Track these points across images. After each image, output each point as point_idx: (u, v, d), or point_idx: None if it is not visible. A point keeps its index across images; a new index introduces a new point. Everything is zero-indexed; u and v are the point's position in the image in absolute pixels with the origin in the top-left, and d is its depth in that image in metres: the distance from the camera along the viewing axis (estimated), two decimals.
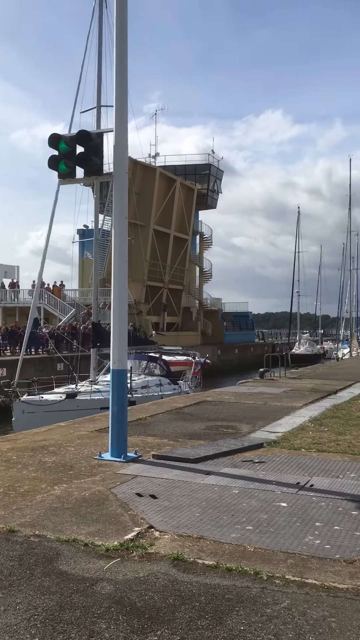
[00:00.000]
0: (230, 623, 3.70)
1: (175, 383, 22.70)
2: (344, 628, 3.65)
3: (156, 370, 23.08)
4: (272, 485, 6.89)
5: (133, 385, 19.73)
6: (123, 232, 8.50)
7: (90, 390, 18.66)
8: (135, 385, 20.16)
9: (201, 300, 57.05)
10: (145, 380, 21.33)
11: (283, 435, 10.04)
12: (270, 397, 15.60)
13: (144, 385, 20.68)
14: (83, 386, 19.66)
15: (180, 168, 54.55)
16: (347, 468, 7.78)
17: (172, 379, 22.78)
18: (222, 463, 8.03)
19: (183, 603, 3.97)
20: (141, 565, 4.61)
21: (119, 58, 8.25)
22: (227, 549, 4.96)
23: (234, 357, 55.51)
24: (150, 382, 21.18)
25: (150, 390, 20.35)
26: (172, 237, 50.13)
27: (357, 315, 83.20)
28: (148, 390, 20.30)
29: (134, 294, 42.47)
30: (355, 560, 4.72)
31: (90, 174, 8.56)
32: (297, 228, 65.76)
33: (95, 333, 21.76)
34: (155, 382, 21.46)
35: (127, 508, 5.98)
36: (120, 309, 8.46)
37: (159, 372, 22.97)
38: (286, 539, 5.17)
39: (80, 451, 8.70)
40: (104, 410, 13.51)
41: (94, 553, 4.85)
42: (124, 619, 3.75)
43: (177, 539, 5.17)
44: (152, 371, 23.01)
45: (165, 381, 22.11)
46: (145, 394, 19.79)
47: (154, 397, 18.74)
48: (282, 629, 3.63)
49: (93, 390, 18.59)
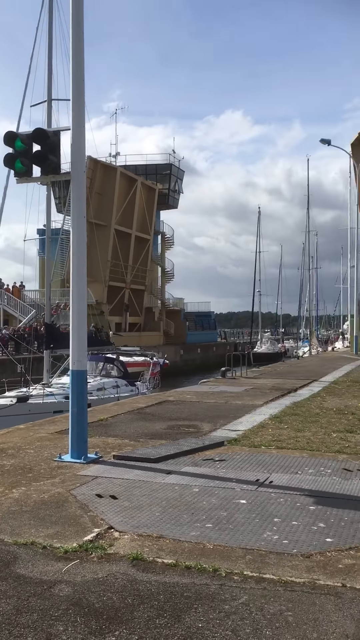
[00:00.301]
0: (188, 621, 3.72)
1: (132, 384, 22.39)
2: (300, 621, 3.70)
3: (113, 371, 22.72)
4: (232, 482, 6.94)
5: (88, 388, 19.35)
6: (81, 231, 8.43)
7: (43, 393, 18.16)
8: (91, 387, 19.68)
9: (163, 300, 57.10)
10: (101, 382, 20.91)
11: (244, 433, 10.13)
12: (231, 396, 15.71)
13: (100, 387, 20.29)
14: (35, 389, 19.08)
15: (141, 168, 54.50)
16: (305, 464, 7.89)
17: (129, 380, 22.48)
18: (183, 462, 8.05)
19: (142, 602, 3.97)
20: (100, 566, 4.58)
21: (75, 55, 8.17)
22: (186, 547, 4.97)
23: (197, 356, 55.75)
24: (107, 383, 20.76)
25: (107, 392, 19.98)
26: (134, 237, 50.05)
27: (316, 315, 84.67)
28: (104, 392, 19.94)
29: (96, 294, 42.24)
30: (312, 555, 4.79)
31: (47, 173, 8.47)
32: (258, 228, 66.57)
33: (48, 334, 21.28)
34: (112, 383, 21.08)
35: (87, 509, 5.94)
36: (79, 308, 8.40)
37: (116, 373, 22.65)
38: (245, 535, 5.22)
39: (40, 453, 8.60)
40: (57, 415, 13.34)
41: (53, 555, 4.80)
42: (81, 620, 3.73)
43: (136, 538, 5.16)
44: (109, 372, 22.63)
45: (123, 382, 21.80)
46: (101, 396, 19.43)
47: (111, 399, 18.37)
48: (239, 625, 3.66)
49: (46, 393, 18.13)
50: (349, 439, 9.53)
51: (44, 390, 18.58)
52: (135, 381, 22.88)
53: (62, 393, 18.61)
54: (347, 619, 3.73)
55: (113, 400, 17.32)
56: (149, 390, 21.98)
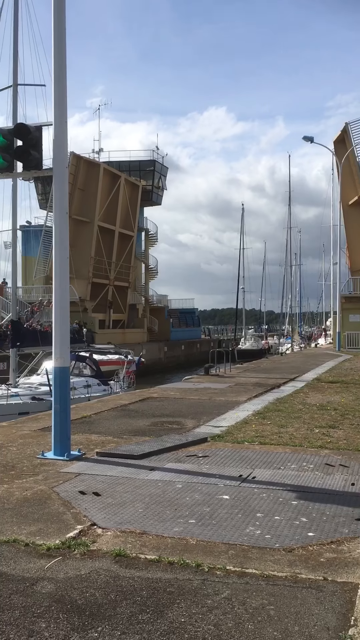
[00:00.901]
0: (171, 616, 3.73)
1: (105, 384, 21.40)
2: (282, 615, 3.73)
3: (86, 370, 21.58)
4: (215, 478, 6.97)
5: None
6: (64, 228, 8.39)
7: (7, 394, 17.15)
8: None
9: (147, 297, 57.02)
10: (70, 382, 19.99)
11: (227, 429, 10.16)
12: (215, 392, 15.75)
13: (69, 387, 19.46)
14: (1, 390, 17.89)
15: (124, 164, 54.31)
16: (288, 459, 7.94)
17: (102, 380, 21.41)
18: (167, 458, 8.06)
19: (124, 598, 3.97)
20: (83, 563, 4.58)
21: (57, 50, 8.12)
22: (169, 542, 4.98)
23: (181, 353, 55.81)
24: (77, 383, 19.58)
25: (76, 392, 18.81)
26: (117, 233, 49.88)
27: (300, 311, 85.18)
28: (74, 393, 18.41)
29: (79, 291, 42.02)
30: (294, 549, 4.83)
31: (29, 169, 8.42)
32: (242, 225, 66.82)
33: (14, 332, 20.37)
34: (83, 383, 20.04)
35: (70, 506, 5.92)
36: (61, 305, 8.36)
37: (89, 372, 21.71)
38: (228, 530, 5.24)
39: (23, 450, 8.55)
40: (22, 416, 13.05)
41: (35, 553, 4.78)
42: (64, 617, 3.72)
43: (119, 535, 5.16)
44: (81, 371, 21.51)
45: (94, 382, 20.89)
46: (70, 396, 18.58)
47: (81, 400, 17.27)
48: (222, 619, 3.68)
49: (11, 394, 17.17)
50: (331, 435, 9.61)
51: (8, 391, 17.56)
52: (109, 380, 21.98)
53: (28, 394, 17.84)
54: (328, 612, 3.77)
55: (83, 401, 16.28)
56: (123, 390, 20.99)
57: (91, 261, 45.32)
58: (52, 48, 8.15)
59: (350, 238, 42.99)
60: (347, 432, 9.84)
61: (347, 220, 42.64)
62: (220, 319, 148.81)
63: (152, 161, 55.92)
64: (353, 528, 5.31)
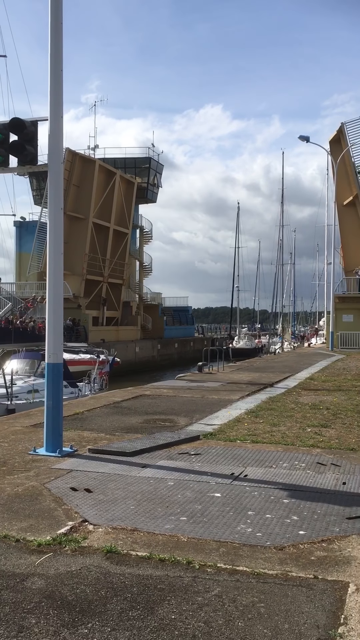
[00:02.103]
0: (161, 612, 3.73)
1: (74, 385, 20.01)
2: (272, 612, 3.74)
3: None
4: (207, 476, 6.97)
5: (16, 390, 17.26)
6: (59, 224, 8.36)
7: None
8: (19, 390, 17.62)
9: (141, 294, 56.97)
10: (31, 384, 18.48)
11: (219, 427, 10.17)
12: (207, 391, 15.76)
13: (30, 389, 17.90)
14: None
15: (120, 161, 54.18)
16: (280, 458, 7.96)
17: (70, 381, 19.78)
18: (159, 456, 8.06)
19: (115, 595, 3.97)
20: (74, 559, 4.57)
21: (53, 44, 8.08)
22: (160, 539, 4.98)
23: (174, 351, 55.82)
24: (39, 385, 17.75)
25: (39, 395, 17.12)
26: (112, 230, 49.79)
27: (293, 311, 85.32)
28: (35, 396, 17.35)
29: (73, 287, 41.97)
30: (285, 547, 4.84)
31: (24, 164, 8.40)
32: (237, 223, 66.60)
33: None
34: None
35: (61, 503, 5.91)
36: (55, 301, 8.33)
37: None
38: (219, 528, 5.25)
39: (14, 447, 8.53)
40: None
41: (26, 549, 4.77)
42: (54, 613, 3.72)
43: (111, 531, 5.16)
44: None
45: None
46: (31, 399, 17.13)
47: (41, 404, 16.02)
48: (212, 616, 3.68)
49: None
50: (323, 434, 9.64)
51: None
52: (79, 382, 20.64)
53: None
54: (318, 610, 3.78)
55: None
56: (94, 392, 19.74)
57: (85, 258, 45.22)
58: (48, 42, 8.11)
59: (345, 238, 43.07)
60: (339, 432, 9.86)
61: (342, 220, 42.73)
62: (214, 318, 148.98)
63: (147, 158, 55.83)
64: (344, 527, 5.32)
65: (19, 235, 50.68)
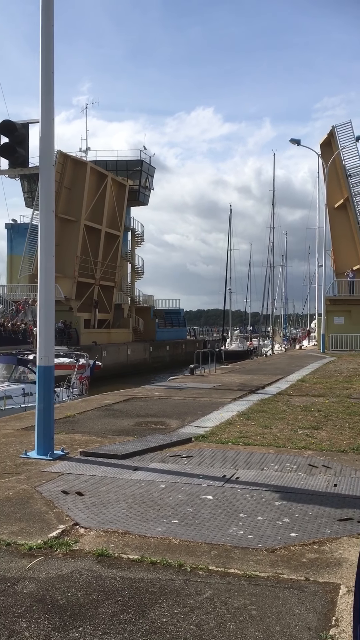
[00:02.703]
0: (153, 616, 3.72)
1: None
2: (264, 615, 3.74)
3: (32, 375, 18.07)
4: (198, 478, 6.96)
5: None
6: (50, 226, 8.35)
7: None
8: None
9: (133, 297, 56.92)
10: (3, 390, 17.56)
11: (211, 429, 10.17)
12: (199, 393, 15.76)
13: (2, 395, 17.04)
14: None
15: (111, 163, 54.14)
16: (271, 460, 7.96)
17: None
18: (150, 458, 8.05)
19: (106, 598, 3.96)
20: (65, 563, 4.55)
21: (44, 46, 8.07)
22: (152, 542, 4.97)
23: (166, 354, 55.78)
24: (13, 391, 17.33)
25: (12, 401, 16.73)
26: (104, 233, 49.72)
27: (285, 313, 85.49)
28: (7, 403, 16.67)
29: (65, 290, 41.87)
30: (277, 549, 4.84)
31: (15, 166, 8.37)
32: (229, 226, 66.81)
33: None
34: (20, 391, 17.52)
35: (52, 506, 5.89)
36: (46, 304, 8.31)
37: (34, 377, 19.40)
38: (211, 530, 5.24)
39: (5, 450, 8.49)
40: None
41: (17, 552, 4.75)
42: (45, 617, 3.70)
43: (102, 535, 5.14)
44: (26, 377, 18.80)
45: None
46: (2, 407, 16.41)
47: (16, 410, 15.13)
48: (204, 619, 3.68)
49: None
50: (314, 436, 9.66)
51: None
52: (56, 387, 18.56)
53: None
54: (309, 612, 3.78)
55: (19, 412, 14.35)
56: (72, 398, 18.87)
57: (77, 260, 45.12)
58: (39, 44, 8.10)
59: (336, 241, 43.25)
60: (330, 434, 9.89)
61: (333, 223, 42.91)
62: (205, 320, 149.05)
63: (139, 161, 55.83)
64: (335, 529, 5.33)
65: (10, 237, 50.55)
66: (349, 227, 42.15)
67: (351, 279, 39.96)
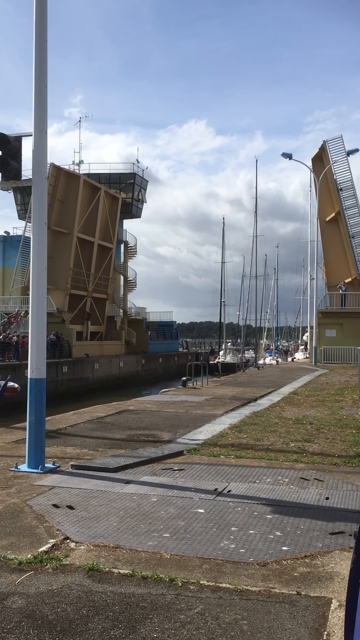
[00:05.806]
0: (143, 631, 3.68)
1: None
2: (255, 630, 3.72)
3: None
4: (190, 492, 6.93)
5: None
6: (42, 238, 8.35)
7: None
8: None
9: (125, 309, 56.86)
10: None
11: (203, 442, 10.14)
12: (191, 405, 15.72)
13: None
14: None
15: (104, 176, 54.31)
16: (263, 473, 7.94)
17: None
18: (142, 471, 8.01)
19: (97, 613, 3.92)
20: (55, 578, 4.51)
21: (38, 59, 8.13)
22: (143, 557, 4.94)
23: (158, 366, 55.65)
24: None
25: None
26: (97, 245, 49.73)
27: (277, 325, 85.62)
28: None
29: (57, 302, 41.80)
30: (268, 563, 4.82)
31: (8, 179, 8.39)
32: (223, 239, 66.96)
33: None
34: None
35: (43, 520, 5.85)
36: (38, 316, 8.30)
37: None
38: (202, 544, 5.21)
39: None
40: None
41: (6, 567, 4.70)
42: (34, 632, 3.66)
43: (93, 549, 5.10)
44: None
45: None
46: None
47: None
48: (195, 634, 3.65)
49: None
50: (306, 449, 9.65)
51: None
52: None
53: None
54: (301, 627, 3.76)
55: None
56: None
57: (70, 272, 45.07)
58: (32, 58, 8.15)
59: (327, 254, 43.48)
60: (322, 446, 9.88)
61: (324, 236, 43.18)
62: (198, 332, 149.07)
63: (132, 174, 56.01)
64: (327, 542, 5.32)
65: (2, 249, 50.43)
66: (341, 241, 42.40)
67: (343, 292, 40.14)
